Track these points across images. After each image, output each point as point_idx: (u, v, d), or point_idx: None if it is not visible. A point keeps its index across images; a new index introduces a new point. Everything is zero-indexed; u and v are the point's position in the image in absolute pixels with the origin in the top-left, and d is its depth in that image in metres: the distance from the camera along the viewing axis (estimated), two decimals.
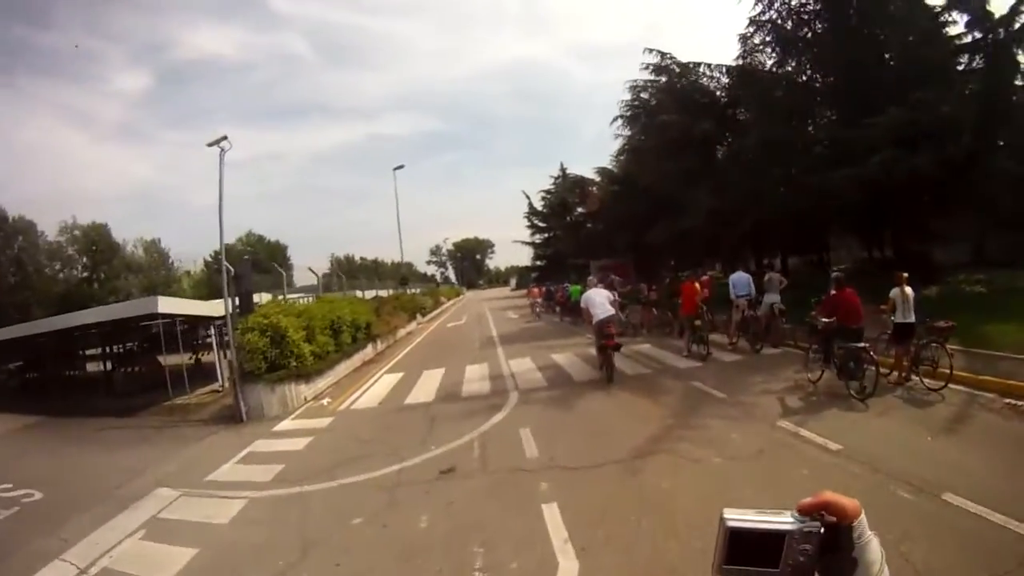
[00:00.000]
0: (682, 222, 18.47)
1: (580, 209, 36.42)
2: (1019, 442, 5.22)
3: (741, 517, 0.60)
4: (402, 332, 20.69)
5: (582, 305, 9.84)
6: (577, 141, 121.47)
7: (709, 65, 19.62)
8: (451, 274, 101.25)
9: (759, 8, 16.36)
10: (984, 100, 12.29)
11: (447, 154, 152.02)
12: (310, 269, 19.59)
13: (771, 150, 15.39)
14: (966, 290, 12.05)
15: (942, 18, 13.81)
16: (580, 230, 34.93)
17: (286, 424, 9.21)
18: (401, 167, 38.23)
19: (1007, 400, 6.22)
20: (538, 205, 43.38)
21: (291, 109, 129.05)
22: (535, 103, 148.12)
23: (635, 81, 22.37)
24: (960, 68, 14.13)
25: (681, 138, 18.69)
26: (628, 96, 22.96)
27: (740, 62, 17.91)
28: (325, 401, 10.66)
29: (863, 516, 0.60)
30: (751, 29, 16.91)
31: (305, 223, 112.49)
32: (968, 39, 13.71)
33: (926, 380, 6.93)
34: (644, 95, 22.47)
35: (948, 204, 12.68)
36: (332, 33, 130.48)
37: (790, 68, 17.02)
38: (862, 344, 7.00)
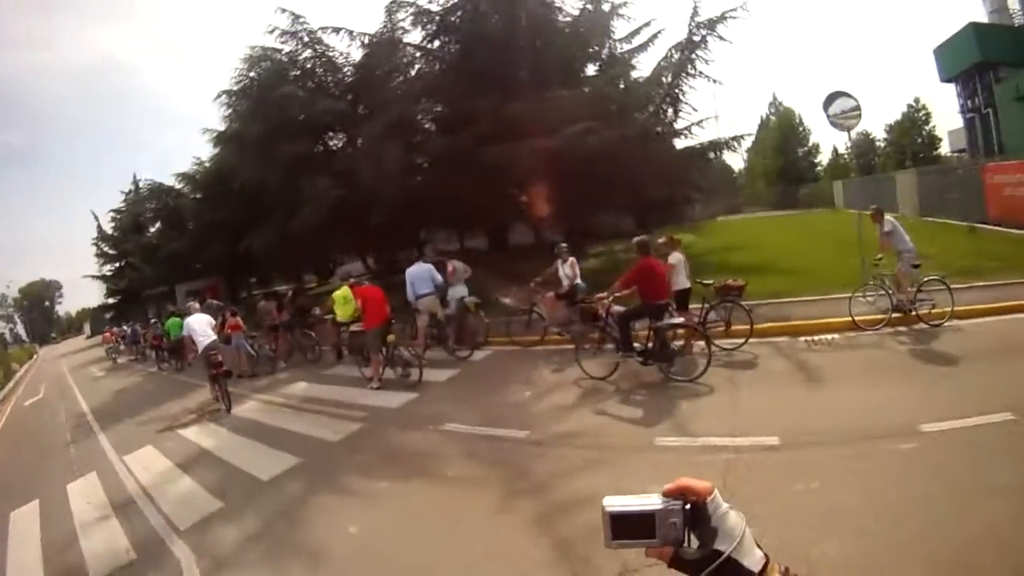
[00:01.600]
0: (296, 220, 15.58)
1: (152, 228, 30.20)
2: (880, 363, 5.65)
3: (618, 503, 0.70)
4: None
5: (184, 334, 8.99)
6: (176, 160, 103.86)
7: (350, 32, 16.83)
8: (21, 329, 73.89)
9: None
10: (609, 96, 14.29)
11: (16, 171, 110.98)
12: None
13: (401, 130, 14.42)
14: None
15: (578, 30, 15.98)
16: (159, 251, 28.17)
17: None
18: None
19: (804, 338, 6.61)
20: (109, 229, 33.43)
21: None
22: (124, 112, 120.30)
23: (253, 49, 17.59)
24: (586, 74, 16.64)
25: (301, 119, 16.04)
26: (243, 67, 17.95)
27: (382, 36, 16.37)
28: None
29: (716, 493, 0.70)
30: (396, 4, 15.75)
31: None
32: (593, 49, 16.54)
33: (719, 341, 6.83)
34: (264, 64, 17.70)
35: (621, 177, 13.76)
36: None
37: (434, 46, 16.41)
38: (679, 319, 6.31)
